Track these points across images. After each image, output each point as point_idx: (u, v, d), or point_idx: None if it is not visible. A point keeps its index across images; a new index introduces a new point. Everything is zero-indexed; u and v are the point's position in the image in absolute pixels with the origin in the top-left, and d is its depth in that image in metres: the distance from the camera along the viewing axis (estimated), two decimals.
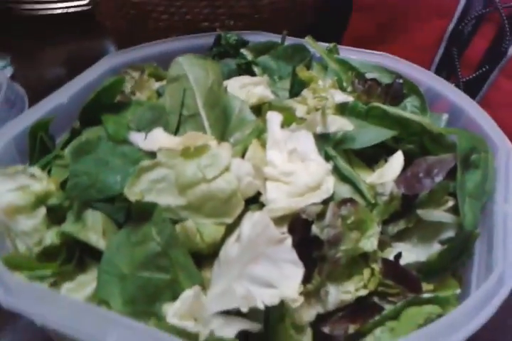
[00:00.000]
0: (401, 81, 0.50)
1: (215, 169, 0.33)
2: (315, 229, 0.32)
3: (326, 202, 0.34)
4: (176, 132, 0.39)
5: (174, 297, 0.31)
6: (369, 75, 0.51)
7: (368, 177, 0.37)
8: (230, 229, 0.34)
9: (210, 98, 0.39)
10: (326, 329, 0.30)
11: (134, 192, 0.33)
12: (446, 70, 0.61)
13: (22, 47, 0.84)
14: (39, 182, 0.34)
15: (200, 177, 0.33)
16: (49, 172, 0.39)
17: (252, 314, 0.31)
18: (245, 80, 0.45)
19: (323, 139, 0.38)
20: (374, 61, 0.54)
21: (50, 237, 0.32)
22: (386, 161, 0.39)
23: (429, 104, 0.49)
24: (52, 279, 0.33)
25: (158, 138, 0.38)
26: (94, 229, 0.33)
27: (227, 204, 0.33)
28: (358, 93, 0.49)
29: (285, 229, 0.33)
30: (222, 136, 0.38)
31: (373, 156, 0.40)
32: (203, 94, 0.39)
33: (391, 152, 0.39)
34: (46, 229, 0.33)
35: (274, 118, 0.38)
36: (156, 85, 0.52)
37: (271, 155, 0.36)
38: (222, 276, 0.32)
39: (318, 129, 0.38)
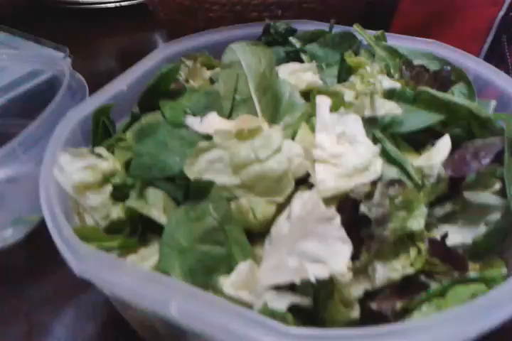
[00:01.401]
0: (449, 68, 0.51)
1: (267, 150, 0.35)
2: (363, 208, 0.33)
3: (374, 184, 0.35)
4: (229, 116, 0.41)
5: (229, 270, 0.33)
6: (417, 62, 0.52)
7: (415, 161, 0.38)
8: (281, 207, 0.36)
9: (262, 83, 0.40)
10: (374, 306, 0.32)
11: (192, 171, 0.35)
12: (495, 58, 0.61)
13: (79, 39, 0.89)
14: (106, 161, 0.37)
15: (253, 158, 0.35)
16: (112, 153, 0.42)
17: (303, 289, 0.32)
18: (294, 67, 0.46)
19: (371, 123, 0.39)
20: (422, 48, 0.54)
21: (117, 212, 0.35)
22: (433, 145, 0.40)
23: (478, 91, 0.49)
24: (117, 251, 0.36)
25: (213, 122, 0.40)
26: (155, 205, 0.36)
27: (279, 183, 0.35)
28: (405, 79, 0.50)
29: (334, 208, 0.34)
30: (273, 120, 0.40)
31: (420, 140, 0.41)
32: (255, 79, 0.41)
33: (438, 136, 0.40)
34: (112, 205, 0.36)
35: (323, 102, 0.39)
36: (208, 73, 0.55)
37: (320, 138, 0.38)
38: (273, 252, 0.34)
39: (367, 113, 0.39)
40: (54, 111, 0.52)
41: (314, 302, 0.32)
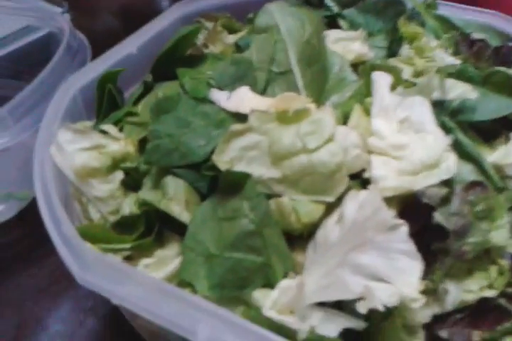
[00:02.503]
0: None
1: (317, 138, 0.28)
2: (439, 216, 0.27)
3: (446, 184, 0.29)
4: (263, 91, 0.34)
5: (265, 282, 0.27)
6: (475, 36, 0.45)
7: (489, 156, 0.32)
8: (330, 208, 0.29)
9: (306, 53, 0.33)
10: (444, 334, 0.26)
11: (223, 160, 0.28)
12: None
13: None
14: (116, 142, 0.30)
15: (300, 147, 0.28)
16: (120, 130, 0.35)
17: (354, 309, 0.26)
18: (340, 35, 0.39)
19: (438, 108, 0.32)
20: (479, 20, 0.47)
21: (129, 206, 0.28)
22: (507, 137, 0.33)
23: None
24: (127, 252, 0.29)
25: (244, 98, 0.33)
26: (176, 198, 0.29)
27: (330, 179, 0.28)
28: (464, 55, 0.43)
29: (393, 212, 0.28)
30: (318, 98, 0.33)
31: (490, 131, 0.34)
32: (297, 48, 0.33)
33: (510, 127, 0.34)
34: (123, 196, 0.29)
35: (381, 79, 0.32)
36: (230, 38, 0.47)
37: (377, 124, 0.31)
38: (319, 263, 0.28)
39: (435, 95, 0.32)
40: (51, 74, 0.44)
41: (368, 326, 0.27)
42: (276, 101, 0.31)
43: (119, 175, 0.29)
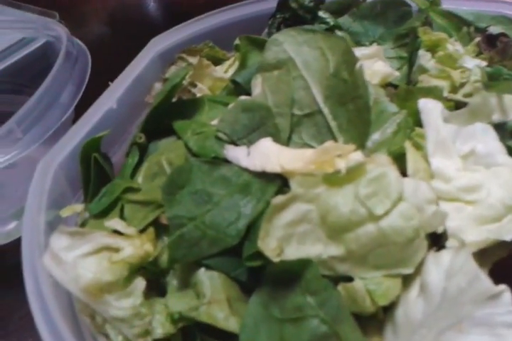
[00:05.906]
0: None
1: (383, 199, 0.22)
2: None
3: None
4: (288, 141, 0.28)
5: None
6: (492, 30, 0.39)
7: None
8: (407, 278, 0.24)
9: (336, 89, 0.27)
10: None
11: (271, 248, 0.22)
12: None
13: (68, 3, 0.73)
14: (128, 240, 0.23)
15: (364, 214, 0.22)
16: (121, 212, 0.28)
17: None
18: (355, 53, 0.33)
19: (499, 131, 0.27)
20: (487, 10, 0.42)
21: (161, 324, 0.22)
22: None
23: None
24: None
25: (269, 153, 0.27)
26: (216, 300, 0.23)
27: (406, 248, 0.23)
28: (488, 55, 0.38)
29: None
30: (361, 143, 0.27)
31: None
32: (322, 83, 0.27)
33: None
34: (150, 312, 0.22)
35: (432, 109, 0.26)
36: (218, 71, 0.41)
37: (438, 164, 0.25)
38: None
39: (495, 117, 0.27)
40: (53, 82, 0.42)
41: None
42: (314, 155, 0.25)
43: (141, 284, 0.23)
